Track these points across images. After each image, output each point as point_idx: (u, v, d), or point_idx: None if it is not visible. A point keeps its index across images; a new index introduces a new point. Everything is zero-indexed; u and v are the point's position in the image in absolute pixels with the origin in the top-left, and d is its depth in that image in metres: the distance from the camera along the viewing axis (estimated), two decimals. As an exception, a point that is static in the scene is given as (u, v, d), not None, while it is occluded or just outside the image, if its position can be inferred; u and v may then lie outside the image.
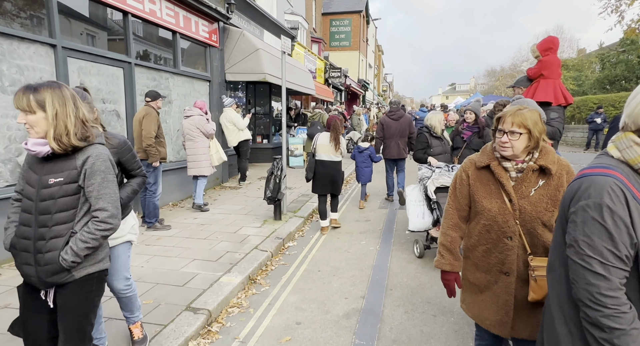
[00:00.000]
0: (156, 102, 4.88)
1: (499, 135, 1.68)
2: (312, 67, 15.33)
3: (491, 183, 1.75)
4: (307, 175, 5.26)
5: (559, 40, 4.13)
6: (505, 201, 1.70)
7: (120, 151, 2.21)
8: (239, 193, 7.47)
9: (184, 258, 4.08)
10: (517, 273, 1.71)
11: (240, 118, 7.79)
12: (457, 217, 1.90)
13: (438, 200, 4.29)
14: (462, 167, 1.89)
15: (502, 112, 1.71)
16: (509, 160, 1.71)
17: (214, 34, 7.41)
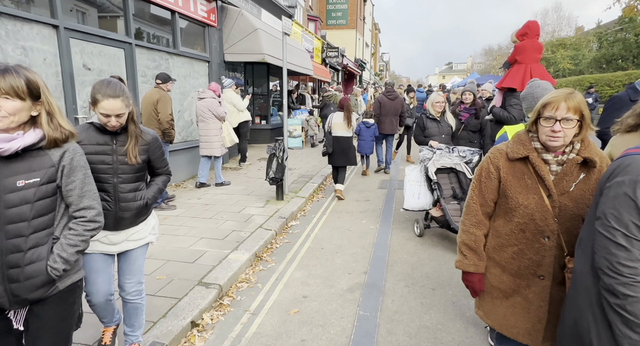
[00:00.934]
0: (166, 85, 5.03)
1: (546, 124, 1.48)
2: (309, 46, 15.14)
3: (527, 177, 1.58)
4: (327, 150, 6.02)
5: (538, 25, 4.13)
6: (544, 197, 1.54)
7: (152, 148, 2.12)
8: (240, 174, 7.57)
9: (191, 237, 4.23)
10: (554, 276, 1.56)
11: (240, 99, 7.80)
12: (482, 213, 1.73)
13: (438, 180, 4.43)
14: (490, 158, 1.69)
15: (549, 97, 1.49)
16: (549, 152, 1.55)
17: (212, 13, 7.31)
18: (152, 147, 2.13)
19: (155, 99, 4.84)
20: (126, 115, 1.91)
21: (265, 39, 7.86)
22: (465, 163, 4.37)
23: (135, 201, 2.09)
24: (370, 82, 33.44)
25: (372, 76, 36.17)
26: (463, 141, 5.11)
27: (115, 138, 1.98)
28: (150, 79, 5.81)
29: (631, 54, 17.61)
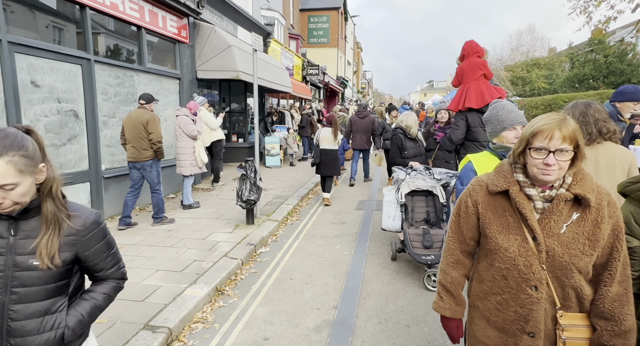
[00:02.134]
0: (150, 105, 5.09)
1: (538, 155, 1.25)
2: (289, 64, 15.08)
3: (508, 215, 1.36)
4: (315, 161, 6.74)
5: (473, 44, 4.06)
6: (528, 238, 1.31)
7: (83, 240, 1.31)
8: (212, 195, 7.21)
9: (146, 269, 3.84)
10: (545, 334, 1.31)
11: (212, 118, 7.52)
12: (460, 251, 1.53)
13: (415, 203, 4.20)
14: (469, 190, 1.48)
15: (540, 124, 1.27)
16: (534, 186, 1.32)
17: (183, 29, 7.09)
18: (85, 237, 1.31)
19: (145, 120, 4.87)
20: (28, 188, 1.18)
21: (240, 56, 7.66)
22: (442, 187, 4.17)
23: (40, 333, 1.25)
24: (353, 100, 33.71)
25: (354, 93, 36.53)
26: (439, 161, 4.95)
27: (15, 227, 1.23)
28: (112, 97, 5.49)
29: (601, 74, 18.19)
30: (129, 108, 5.85)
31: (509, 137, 2.05)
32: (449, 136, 3.83)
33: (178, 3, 6.61)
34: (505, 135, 2.06)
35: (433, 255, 3.62)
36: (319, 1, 26.17)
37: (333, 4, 25.91)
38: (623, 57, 17.57)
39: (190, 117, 6.19)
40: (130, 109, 5.90)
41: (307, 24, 25.89)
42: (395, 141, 4.65)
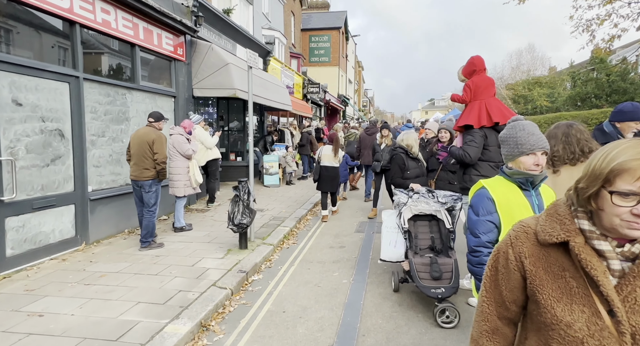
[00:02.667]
0: (159, 124, 5.04)
1: (624, 202, 0.89)
2: (289, 82, 15.05)
3: (569, 276, 0.99)
4: (314, 177, 6.95)
5: (482, 60, 3.80)
6: (601, 312, 0.93)
7: None
8: (206, 216, 6.93)
9: (126, 302, 3.53)
10: None
11: (208, 136, 7.32)
12: (497, 317, 1.14)
13: (417, 229, 3.91)
14: (510, 238, 1.11)
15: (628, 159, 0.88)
16: (605, 237, 0.95)
17: (179, 47, 6.98)
18: None
19: (152, 139, 4.80)
20: None
21: (237, 74, 7.53)
22: (447, 211, 3.88)
23: None
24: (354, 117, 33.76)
25: (355, 111, 36.62)
26: (442, 182, 4.68)
27: None
28: (102, 116, 5.29)
29: (604, 92, 18.08)
30: (120, 127, 5.66)
31: (527, 163, 1.79)
32: (463, 153, 3.48)
33: (175, 21, 6.52)
34: (524, 160, 1.81)
35: (443, 287, 3.30)
36: (320, 21, 26.52)
37: (334, 24, 26.24)
38: (625, 75, 17.50)
39: (185, 135, 5.99)
40: (122, 128, 5.71)
41: (309, 44, 26.16)
42: (396, 161, 4.40)
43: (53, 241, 4.53)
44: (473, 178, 3.57)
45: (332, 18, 27.18)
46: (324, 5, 29.44)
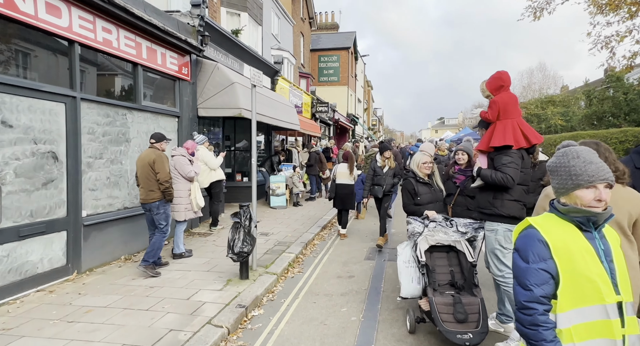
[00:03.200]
0: (161, 144, 5.02)
1: None
2: (298, 101, 14.94)
3: None
4: (330, 195, 7.14)
5: (509, 76, 3.45)
6: None
7: None
8: (208, 241, 6.60)
9: (108, 344, 3.17)
10: None
11: (212, 157, 7.08)
12: None
13: (435, 262, 3.51)
14: None
15: None
16: None
17: (184, 66, 6.84)
18: None
19: (152, 159, 4.78)
20: None
21: (243, 93, 7.35)
22: (467, 241, 3.48)
23: None
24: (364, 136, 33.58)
25: (365, 130, 36.48)
26: (459, 208, 4.29)
27: None
28: (100, 137, 5.08)
29: (622, 111, 17.55)
30: (119, 148, 5.44)
31: (586, 199, 1.43)
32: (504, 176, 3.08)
33: (179, 41, 6.40)
34: (581, 195, 1.45)
35: (470, 333, 2.87)
36: (330, 41, 26.75)
37: (343, 44, 26.43)
38: (644, 93, 16.99)
39: (187, 157, 5.75)
40: (121, 149, 5.50)
41: (318, 64, 26.32)
42: (405, 186, 4.03)
43: (41, 271, 4.23)
44: (505, 203, 3.18)
45: (342, 38, 27.43)
46: (333, 26, 29.81)
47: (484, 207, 3.35)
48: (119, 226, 5.37)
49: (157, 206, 4.88)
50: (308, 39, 23.95)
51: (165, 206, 5.02)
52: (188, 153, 5.78)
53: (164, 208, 4.98)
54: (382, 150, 6.31)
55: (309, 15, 23.69)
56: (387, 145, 6.44)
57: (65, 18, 4.37)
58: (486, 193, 3.35)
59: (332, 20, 30.01)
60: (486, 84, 3.43)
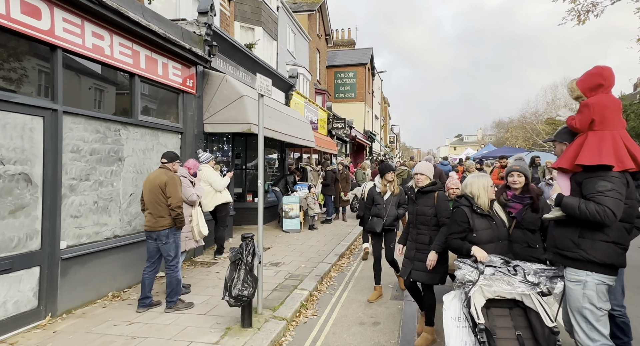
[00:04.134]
0: (173, 164, 4.49)
1: None
2: (313, 117, 14.32)
3: None
4: (359, 213, 5.78)
5: (613, 73, 2.55)
6: None
7: None
8: (210, 273, 5.82)
9: None
10: None
11: (217, 177, 6.38)
12: None
13: (490, 322, 2.61)
14: None
15: None
16: None
17: (189, 78, 6.26)
18: None
19: (163, 182, 4.25)
20: None
21: (253, 107, 6.70)
22: (539, 294, 2.58)
23: None
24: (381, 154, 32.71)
25: (382, 147, 35.64)
26: (518, 245, 3.35)
27: None
28: (86, 155, 4.45)
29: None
30: (111, 168, 4.80)
31: None
32: (600, 209, 2.21)
33: (184, 50, 5.83)
34: None
35: None
36: (346, 58, 26.39)
37: (360, 60, 26.00)
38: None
39: (189, 178, 5.07)
40: (113, 170, 4.85)
41: (334, 80, 25.89)
42: (456, 217, 3.14)
43: (3, 317, 3.52)
44: (598, 245, 2.32)
45: (358, 54, 27.04)
46: (350, 43, 29.54)
47: (566, 248, 2.47)
48: (107, 258, 4.67)
49: (167, 234, 4.30)
50: (324, 55, 23.62)
51: (176, 234, 4.42)
52: (189, 173, 5.10)
53: (174, 236, 4.38)
54: (383, 171, 4.89)
55: (325, 32, 23.43)
56: (388, 165, 4.96)
57: (46, 20, 3.81)
58: (568, 230, 2.47)
59: (348, 37, 29.78)
60: (577, 82, 2.59)
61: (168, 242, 4.33)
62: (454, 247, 3.13)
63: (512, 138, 36.45)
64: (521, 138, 34.91)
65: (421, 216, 3.71)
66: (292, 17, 16.25)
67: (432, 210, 3.66)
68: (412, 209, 3.85)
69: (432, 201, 3.68)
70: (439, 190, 3.71)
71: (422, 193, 3.75)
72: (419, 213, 3.74)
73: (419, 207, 3.74)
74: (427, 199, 3.70)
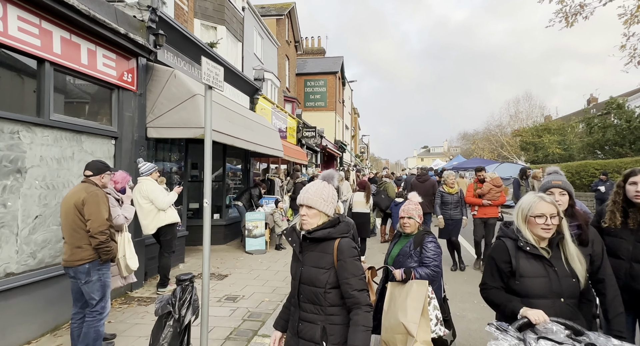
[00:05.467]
0: (100, 177, 3.52)
1: None
2: (282, 125, 13.33)
3: None
4: None
5: None
6: None
7: None
8: (148, 313, 4.61)
9: None
10: None
11: (161, 193, 5.22)
12: None
13: None
14: None
15: None
16: None
17: (128, 72, 5.12)
18: None
19: (81, 200, 3.27)
20: None
21: (208, 110, 5.61)
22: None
23: None
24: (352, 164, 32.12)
25: (353, 158, 35.11)
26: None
27: None
28: (-39, 165, 3.21)
29: (626, 139, 16.59)
30: (3, 183, 3.57)
31: None
32: None
33: (118, 36, 4.71)
34: None
35: None
36: (316, 66, 25.73)
37: (330, 69, 25.42)
38: (649, 121, 16.09)
39: (114, 194, 3.90)
40: (7, 184, 3.62)
41: (304, 88, 25.11)
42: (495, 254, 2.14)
43: None
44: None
45: (329, 63, 26.48)
46: (320, 51, 28.97)
47: None
48: (12, 299, 3.43)
49: (87, 271, 3.28)
50: (294, 62, 22.80)
51: (101, 270, 3.38)
52: (115, 188, 3.94)
53: (99, 273, 3.35)
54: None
55: (294, 39, 22.67)
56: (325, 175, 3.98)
57: None
58: None
59: (318, 46, 29.22)
60: None
61: (89, 281, 3.29)
62: (493, 303, 2.14)
63: (478, 149, 37.10)
64: (487, 150, 35.58)
65: (307, 286, 1.95)
66: (260, 20, 15.32)
67: (326, 274, 1.91)
68: (293, 271, 2.06)
69: (331, 258, 1.93)
70: (341, 236, 1.96)
71: (311, 242, 2.00)
72: (304, 280, 1.96)
73: (305, 267, 1.97)
74: (320, 253, 1.96)
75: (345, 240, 1.94)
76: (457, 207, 6.56)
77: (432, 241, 3.04)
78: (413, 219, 3.09)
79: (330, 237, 1.93)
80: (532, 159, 22.53)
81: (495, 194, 6.34)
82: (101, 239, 3.26)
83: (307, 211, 1.97)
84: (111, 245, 3.40)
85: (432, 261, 2.94)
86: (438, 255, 2.98)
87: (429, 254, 2.96)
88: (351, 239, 1.99)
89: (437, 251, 3.00)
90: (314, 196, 1.98)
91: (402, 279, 2.85)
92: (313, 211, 1.97)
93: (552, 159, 20.97)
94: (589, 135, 18.63)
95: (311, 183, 2.07)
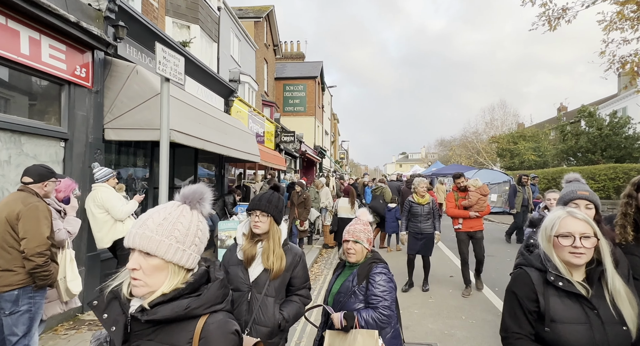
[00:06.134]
0: (42, 185, 3.01)
1: None
2: (259, 129, 12.85)
3: None
4: (332, 228, 7.50)
5: None
6: None
7: None
8: (99, 341, 4.02)
9: None
10: None
11: (118, 202, 4.63)
12: None
13: None
14: None
15: None
16: None
17: (82, 67, 4.56)
18: None
19: (15, 213, 2.75)
20: None
21: (176, 109, 5.11)
22: None
23: None
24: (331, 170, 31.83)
25: (332, 163, 34.85)
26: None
27: None
28: None
29: (598, 147, 17.00)
30: None
31: None
32: None
33: (68, 24, 4.16)
34: None
35: None
36: (296, 70, 25.39)
37: (310, 73, 25.13)
38: (618, 129, 16.56)
39: (55, 205, 3.34)
40: None
41: (283, 93, 24.68)
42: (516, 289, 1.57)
43: None
44: None
45: (308, 67, 26.19)
46: (299, 56, 28.69)
47: None
48: None
49: (16, 299, 2.74)
50: (272, 66, 22.38)
51: (33, 298, 2.85)
52: (57, 198, 3.38)
53: (30, 302, 2.81)
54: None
55: (273, 42, 22.26)
56: None
57: None
58: None
59: (297, 50, 28.94)
60: None
61: (15, 312, 2.74)
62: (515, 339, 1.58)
63: (455, 156, 37.62)
64: (464, 156, 36.13)
65: None
66: (237, 21, 14.85)
67: None
68: None
69: None
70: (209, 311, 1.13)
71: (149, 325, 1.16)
72: None
73: None
74: None
75: (216, 320, 1.10)
76: (428, 219, 5.75)
77: (382, 273, 2.29)
78: (360, 244, 2.35)
79: (187, 314, 1.08)
80: (509, 165, 22.89)
81: (483, 204, 5.87)
82: (38, 262, 2.73)
83: (143, 262, 1.08)
84: (50, 269, 2.87)
85: (381, 300, 2.21)
86: (390, 292, 2.25)
87: (376, 291, 2.22)
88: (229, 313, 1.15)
89: (389, 286, 2.26)
90: (156, 233, 1.08)
91: (342, 327, 2.13)
92: (153, 262, 1.08)
93: (528, 165, 21.33)
94: (563, 142, 19.04)
95: (155, 209, 1.17)
